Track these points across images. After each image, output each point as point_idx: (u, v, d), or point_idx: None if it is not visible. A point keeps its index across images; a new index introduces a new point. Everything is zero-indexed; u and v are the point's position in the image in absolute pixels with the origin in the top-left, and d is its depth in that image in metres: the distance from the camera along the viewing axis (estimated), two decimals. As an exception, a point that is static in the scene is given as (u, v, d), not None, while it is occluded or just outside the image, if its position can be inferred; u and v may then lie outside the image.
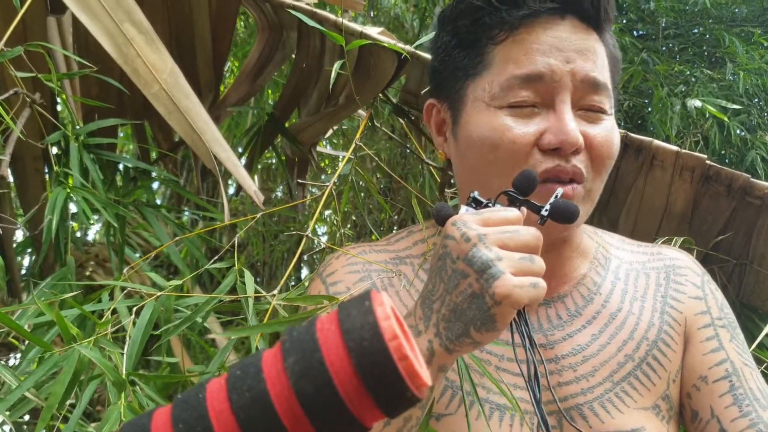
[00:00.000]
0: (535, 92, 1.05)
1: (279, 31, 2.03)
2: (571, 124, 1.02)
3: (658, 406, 1.11)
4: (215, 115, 2.08)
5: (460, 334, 0.86)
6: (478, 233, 0.85)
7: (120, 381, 1.12)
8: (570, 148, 1.02)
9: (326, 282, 1.16)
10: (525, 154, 1.04)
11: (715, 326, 1.17)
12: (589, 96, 1.06)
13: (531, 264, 0.84)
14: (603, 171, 1.08)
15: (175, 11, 1.92)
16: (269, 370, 0.51)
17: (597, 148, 1.06)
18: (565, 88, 1.04)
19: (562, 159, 1.03)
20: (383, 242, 1.24)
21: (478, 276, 0.83)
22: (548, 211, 0.92)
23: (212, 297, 1.26)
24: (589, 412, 1.07)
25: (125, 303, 1.28)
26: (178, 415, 0.52)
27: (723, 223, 1.68)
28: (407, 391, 0.49)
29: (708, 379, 1.12)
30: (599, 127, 1.07)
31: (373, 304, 0.51)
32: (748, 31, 3.34)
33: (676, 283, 1.20)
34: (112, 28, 1.50)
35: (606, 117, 1.08)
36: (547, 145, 1.03)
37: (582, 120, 1.06)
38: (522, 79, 1.05)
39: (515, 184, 0.95)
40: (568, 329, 1.12)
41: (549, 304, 1.14)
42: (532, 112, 1.05)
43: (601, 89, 1.07)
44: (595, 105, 1.07)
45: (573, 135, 1.02)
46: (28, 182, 1.91)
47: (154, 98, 1.52)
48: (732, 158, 3.21)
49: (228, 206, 1.60)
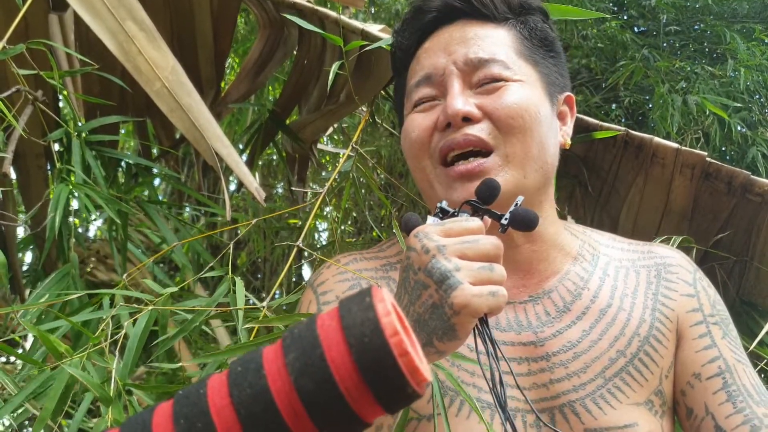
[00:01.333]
0: (431, 89, 1.16)
1: (280, 28, 2.03)
2: (455, 98, 1.10)
3: (651, 402, 1.11)
4: (216, 111, 2.08)
5: (424, 344, 0.87)
6: (437, 244, 0.87)
7: (107, 398, 1.13)
8: (455, 117, 1.09)
9: (317, 291, 1.18)
10: (428, 139, 1.13)
11: (707, 323, 1.18)
12: (477, 72, 1.13)
13: (490, 273, 0.85)
14: (515, 131, 1.10)
15: (177, 8, 1.92)
16: (270, 366, 0.51)
17: (494, 111, 1.10)
18: (451, 75, 1.14)
19: (454, 132, 1.10)
20: (375, 249, 1.26)
21: (438, 287, 0.85)
22: (508, 220, 0.94)
23: (203, 310, 1.27)
24: (581, 408, 1.08)
25: (126, 309, 1.29)
26: (179, 410, 0.52)
27: (723, 221, 1.68)
28: (408, 386, 0.50)
29: (701, 376, 1.13)
30: (496, 95, 1.12)
31: (373, 301, 0.51)
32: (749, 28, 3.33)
33: (667, 281, 1.21)
34: (113, 25, 1.50)
35: (508, 84, 1.13)
36: (440, 124, 1.11)
37: (480, 95, 1.12)
38: (416, 84, 1.18)
39: (478, 194, 0.98)
40: (557, 325, 1.13)
41: (536, 300, 1.15)
42: (432, 105, 1.15)
43: (489, 64, 1.13)
44: (487, 77, 1.13)
45: (454, 105, 1.09)
46: (31, 179, 1.91)
47: (156, 95, 1.52)
48: (733, 155, 3.21)
49: (229, 203, 1.60)
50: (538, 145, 1.11)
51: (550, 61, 1.21)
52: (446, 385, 1.06)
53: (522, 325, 1.13)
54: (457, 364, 1.08)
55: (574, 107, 1.26)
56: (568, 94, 1.24)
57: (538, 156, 1.12)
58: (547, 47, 1.21)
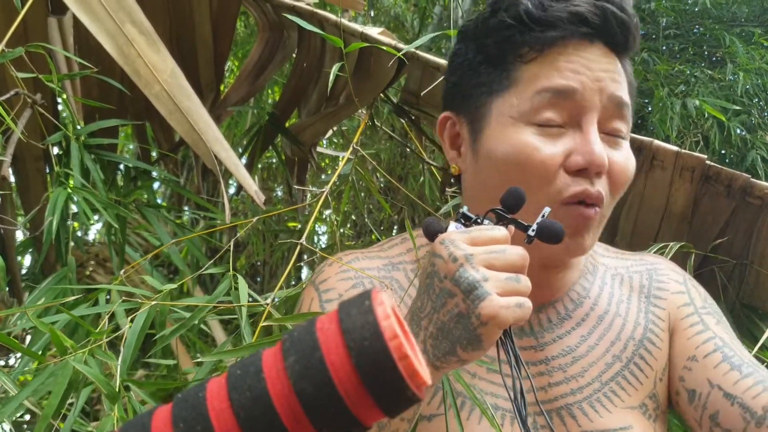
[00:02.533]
0: (562, 111, 1.04)
1: (279, 31, 2.03)
2: (599, 144, 1.02)
3: (645, 405, 1.12)
4: (216, 114, 2.08)
5: (447, 352, 0.87)
6: (465, 253, 0.85)
7: (113, 393, 1.13)
8: (596, 169, 1.02)
9: (319, 289, 1.17)
10: (553, 175, 1.03)
11: (699, 314, 1.18)
12: (613, 119, 1.06)
13: (517, 284, 0.84)
14: (617, 196, 1.09)
15: (176, 11, 1.92)
16: (269, 369, 0.51)
17: (617, 173, 1.06)
18: (593, 109, 1.04)
19: (588, 182, 1.03)
20: (376, 249, 1.25)
21: (465, 296, 0.83)
22: (535, 231, 0.92)
23: (204, 306, 1.26)
24: (578, 411, 1.09)
25: (123, 306, 1.28)
26: (178, 413, 0.52)
27: (723, 223, 1.68)
28: (407, 390, 0.50)
29: (697, 357, 1.12)
30: (619, 152, 1.07)
31: (373, 304, 0.51)
32: (749, 31, 3.34)
33: (659, 281, 1.22)
34: (113, 28, 1.50)
35: (624, 143, 1.09)
36: (575, 166, 1.02)
37: (604, 143, 1.05)
38: (553, 92, 1.04)
39: (503, 202, 0.95)
40: (557, 331, 1.14)
41: (541, 310, 1.15)
42: (558, 132, 1.04)
43: (625, 110, 1.07)
44: (617, 129, 1.07)
45: (599, 156, 1.01)
46: (30, 182, 1.91)
47: (156, 99, 1.52)
48: (732, 158, 3.21)
49: (229, 206, 1.60)
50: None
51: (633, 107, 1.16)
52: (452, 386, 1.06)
53: (524, 331, 1.14)
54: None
55: None
56: None
57: None
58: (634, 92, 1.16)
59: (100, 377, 1.12)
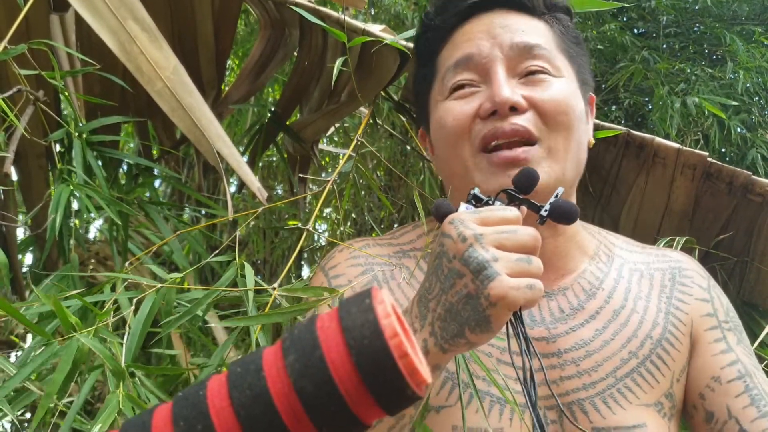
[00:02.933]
0: (470, 73, 1.12)
1: (281, 28, 2.03)
2: (503, 86, 1.07)
3: (660, 404, 1.11)
4: (217, 112, 2.08)
5: (455, 335, 0.86)
6: (474, 233, 0.84)
7: (119, 370, 1.12)
8: (504, 107, 1.06)
9: (328, 275, 1.17)
10: (467, 126, 1.10)
11: (722, 329, 1.17)
12: (524, 61, 1.11)
13: (528, 265, 0.84)
14: (560, 126, 1.10)
15: (178, 8, 1.92)
16: (270, 367, 0.51)
17: (542, 103, 1.09)
18: (495, 60, 1.11)
19: (500, 120, 1.07)
20: (388, 236, 1.25)
21: (474, 277, 0.83)
22: (548, 211, 0.92)
23: (213, 290, 1.25)
24: (590, 407, 1.07)
25: (126, 295, 1.28)
26: (179, 412, 0.52)
27: (724, 221, 1.68)
28: (407, 388, 0.50)
29: (721, 379, 1.12)
30: (543, 88, 1.10)
31: (373, 302, 0.51)
32: (749, 30, 3.33)
33: (682, 285, 1.21)
34: (115, 25, 1.50)
35: (551, 78, 1.11)
36: (484, 112, 1.08)
37: (525, 86, 1.10)
38: (455, 64, 1.13)
39: (515, 182, 0.95)
40: (570, 323, 1.13)
41: (550, 297, 1.15)
42: (472, 91, 1.12)
43: (535, 49, 1.11)
44: (533, 67, 1.11)
45: (502, 94, 1.06)
46: (32, 179, 1.91)
47: (158, 95, 1.52)
48: (732, 156, 3.21)
49: (231, 201, 1.60)
50: (576, 143, 1.12)
51: (583, 59, 1.21)
52: (455, 377, 1.05)
53: (535, 320, 1.12)
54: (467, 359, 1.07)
55: (594, 107, 1.26)
56: (591, 94, 1.24)
57: (576, 153, 1.12)
58: (579, 44, 1.21)
59: (106, 353, 1.12)
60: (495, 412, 1.05)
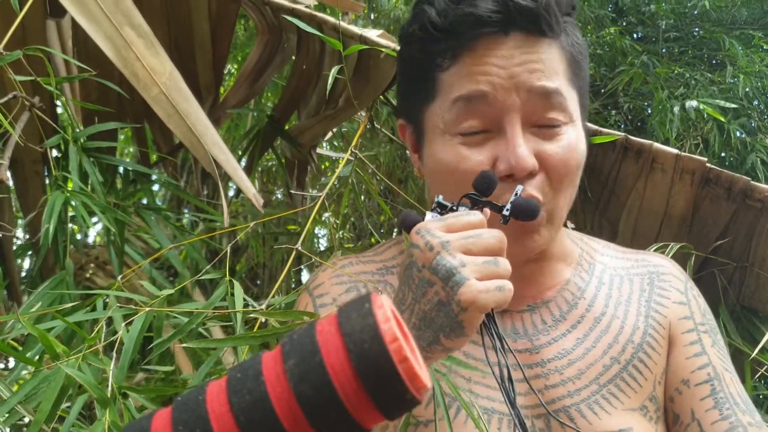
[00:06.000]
0: (483, 117, 1.04)
1: (279, 33, 2.03)
2: (521, 148, 1.01)
3: (645, 407, 1.12)
4: (215, 117, 2.08)
5: (431, 342, 0.87)
6: (441, 241, 0.85)
7: (104, 398, 1.12)
8: (521, 174, 1.01)
9: (313, 294, 1.17)
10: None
11: (698, 331, 1.19)
12: (540, 111, 1.04)
13: (495, 267, 0.85)
14: (564, 188, 1.07)
15: (175, 14, 1.92)
16: (269, 372, 0.51)
17: (553, 168, 1.04)
18: (512, 108, 1.03)
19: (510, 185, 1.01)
20: (371, 253, 1.25)
21: (444, 284, 0.84)
22: (509, 210, 0.93)
23: (200, 312, 1.27)
24: (576, 413, 1.08)
25: (120, 312, 1.28)
26: (178, 417, 0.52)
27: (723, 226, 1.68)
28: (407, 393, 0.49)
29: (690, 382, 1.14)
30: (555, 143, 1.05)
31: (373, 307, 0.51)
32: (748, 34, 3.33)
33: (660, 288, 1.21)
34: (111, 31, 1.50)
35: (563, 129, 1.06)
36: (501, 173, 1.02)
37: (536, 137, 1.04)
38: (466, 99, 1.04)
39: (476, 186, 0.96)
40: (553, 333, 1.14)
41: (534, 310, 1.15)
42: (484, 138, 1.04)
43: (552, 96, 1.04)
44: (548, 121, 1.05)
45: (523, 160, 1.01)
46: (28, 185, 1.91)
47: (154, 101, 1.52)
48: (732, 161, 3.21)
49: (228, 209, 1.60)
50: (574, 189, 1.10)
51: (584, 81, 1.14)
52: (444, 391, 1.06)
53: (518, 333, 1.14)
54: (454, 370, 1.08)
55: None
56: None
57: (572, 200, 1.11)
58: (583, 57, 1.13)
59: (91, 382, 1.11)
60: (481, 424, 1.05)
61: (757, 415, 1.12)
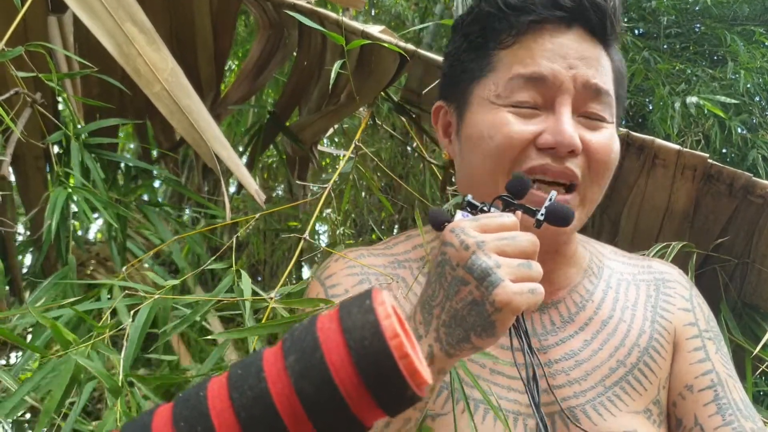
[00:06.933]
0: (537, 94, 1.08)
1: (280, 29, 2.03)
2: (569, 125, 1.06)
3: (649, 410, 1.13)
4: (216, 113, 2.08)
5: (461, 340, 0.87)
6: (476, 240, 0.86)
7: (116, 387, 1.12)
8: (565, 149, 1.05)
9: (325, 284, 1.17)
10: (520, 148, 1.07)
11: (702, 338, 1.20)
12: (589, 102, 1.09)
13: (529, 270, 0.86)
14: (600, 177, 1.11)
15: (176, 10, 1.92)
16: (270, 369, 0.51)
17: (594, 152, 1.08)
18: (566, 92, 1.07)
19: (555, 159, 1.06)
20: (381, 246, 1.25)
21: (479, 283, 0.84)
22: (543, 215, 0.94)
23: (209, 299, 1.26)
24: (581, 414, 1.09)
25: (124, 302, 1.28)
26: (180, 413, 0.52)
27: (725, 222, 1.68)
28: (408, 389, 0.49)
29: (693, 388, 1.15)
30: (598, 133, 1.10)
31: (373, 303, 0.51)
32: (750, 30, 3.33)
33: (666, 294, 1.23)
34: (113, 27, 1.50)
35: (606, 125, 1.11)
36: (544, 144, 1.06)
37: (581, 126, 1.09)
38: (526, 78, 1.08)
39: (509, 188, 0.97)
40: (561, 335, 1.15)
41: (543, 311, 1.17)
42: (533, 113, 1.08)
43: (602, 96, 1.10)
44: (594, 112, 1.10)
45: (569, 136, 1.05)
46: (30, 181, 1.91)
47: (156, 98, 1.52)
48: (733, 157, 3.20)
49: (229, 204, 1.60)
50: (605, 184, 1.14)
51: (622, 99, 1.19)
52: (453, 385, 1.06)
53: (528, 333, 1.13)
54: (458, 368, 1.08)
55: None
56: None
57: (601, 196, 1.15)
58: (623, 81, 1.19)
59: (102, 371, 1.11)
60: (489, 420, 1.05)
61: (760, 422, 1.13)
